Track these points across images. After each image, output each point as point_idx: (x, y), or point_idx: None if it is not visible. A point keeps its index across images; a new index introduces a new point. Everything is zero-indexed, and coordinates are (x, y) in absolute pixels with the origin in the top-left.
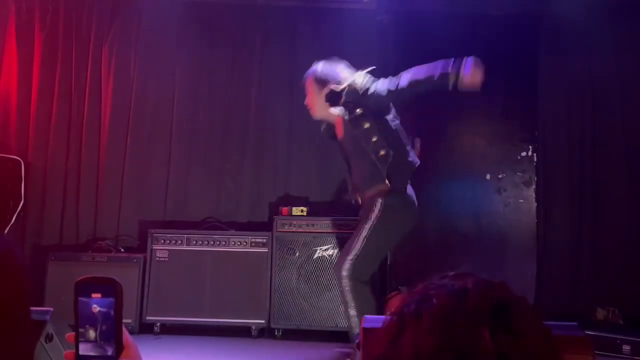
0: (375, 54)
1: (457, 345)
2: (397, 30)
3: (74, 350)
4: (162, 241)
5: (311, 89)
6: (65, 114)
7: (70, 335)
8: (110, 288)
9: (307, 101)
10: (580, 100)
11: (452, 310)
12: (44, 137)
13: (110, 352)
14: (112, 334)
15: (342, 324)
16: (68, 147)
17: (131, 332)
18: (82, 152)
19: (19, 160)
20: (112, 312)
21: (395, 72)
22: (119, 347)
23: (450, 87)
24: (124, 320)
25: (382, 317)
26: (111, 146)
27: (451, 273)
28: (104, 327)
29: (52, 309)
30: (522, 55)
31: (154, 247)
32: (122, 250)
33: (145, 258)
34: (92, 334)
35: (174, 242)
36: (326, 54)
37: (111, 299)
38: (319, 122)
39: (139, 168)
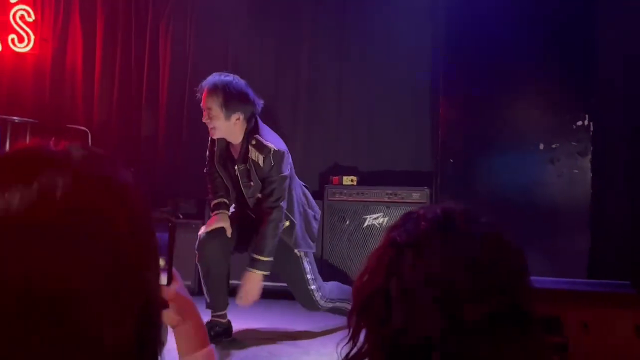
0: (428, 28)
1: (462, 259)
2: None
3: None
4: None
5: None
6: (125, 88)
7: None
8: (164, 225)
9: None
10: None
11: (444, 230)
12: (107, 110)
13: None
14: (164, 269)
15: None
16: (130, 120)
17: (191, 293)
18: (141, 124)
19: (86, 131)
20: (165, 248)
21: (447, 43)
22: (170, 279)
23: None
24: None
25: None
26: (169, 118)
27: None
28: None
29: None
30: (579, 20)
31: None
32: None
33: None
34: None
35: None
36: (376, 23)
37: (164, 235)
38: (367, 98)
39: (197, 141)
